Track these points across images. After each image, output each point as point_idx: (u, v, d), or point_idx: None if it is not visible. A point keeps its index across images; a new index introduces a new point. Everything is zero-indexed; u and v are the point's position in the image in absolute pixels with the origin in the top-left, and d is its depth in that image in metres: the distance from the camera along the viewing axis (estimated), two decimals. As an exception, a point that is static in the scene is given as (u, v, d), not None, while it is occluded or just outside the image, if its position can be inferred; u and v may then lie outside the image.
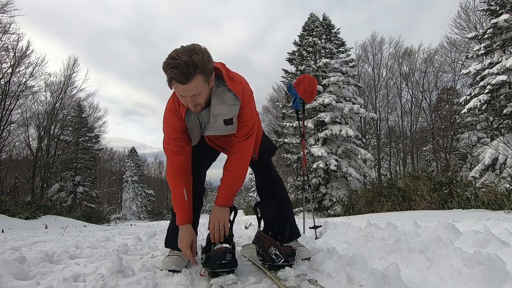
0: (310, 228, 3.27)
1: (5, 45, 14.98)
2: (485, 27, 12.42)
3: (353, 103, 16.66)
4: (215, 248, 1.55)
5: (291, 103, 3.56)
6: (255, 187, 6.24)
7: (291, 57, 20.27)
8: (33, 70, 16.43)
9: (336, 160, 15.25)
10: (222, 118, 1.56)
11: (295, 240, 1.87)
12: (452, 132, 18.40)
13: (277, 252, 1.49)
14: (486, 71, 11.61)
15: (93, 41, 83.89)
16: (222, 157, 1.90)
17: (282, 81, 21.80)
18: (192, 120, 1.62)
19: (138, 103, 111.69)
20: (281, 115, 20.68)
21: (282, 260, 1.48)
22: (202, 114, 1.59)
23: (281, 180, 1.97)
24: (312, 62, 18.26)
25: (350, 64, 18.46)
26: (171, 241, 1.82)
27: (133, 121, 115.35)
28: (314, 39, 18.79)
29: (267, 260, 1.52)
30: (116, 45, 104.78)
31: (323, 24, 19.77)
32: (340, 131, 15.36)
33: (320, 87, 16.59)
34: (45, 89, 18.52)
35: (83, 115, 23.77)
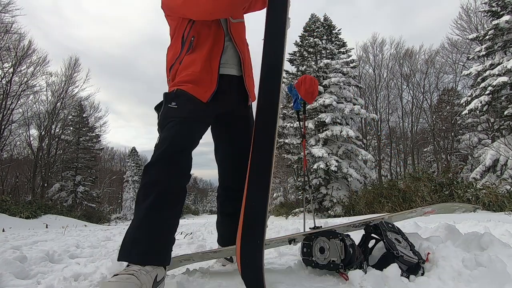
0: (310, 228, 3.27)
1: (7, 44, 15.05)
2: (486, 28, 12.40)
3: (354, 104, 16.64)
4: None
5: (292, 104, 3.56)
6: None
7: (292, 57, 20.23)
8: (34, 70, 16.53)
9: (337, 161, 15.23)
10: None
11: None
12: (453, 133, 18.39)
13: (398, 239, 1.37)
14: (487, 72, 11.60)
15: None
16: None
17: (283, 82, 21.74)
18: None
19: (113, 108, 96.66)
20: (281, 115, 20.65)
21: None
22: None
23: None
24: (313, 63, 18.26)
25: (351, 65, 18.44)
26: (128, 250, 1.19)
27: (117, 126, 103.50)
28: (315, 39, 18.79)
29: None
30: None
31: (324, 24, 19.78)
32: (341, 131, 15.34)
33: (321, 88, 16.58)
34: (46, 89, 18.61)
35: (84, 115, 23.81)
